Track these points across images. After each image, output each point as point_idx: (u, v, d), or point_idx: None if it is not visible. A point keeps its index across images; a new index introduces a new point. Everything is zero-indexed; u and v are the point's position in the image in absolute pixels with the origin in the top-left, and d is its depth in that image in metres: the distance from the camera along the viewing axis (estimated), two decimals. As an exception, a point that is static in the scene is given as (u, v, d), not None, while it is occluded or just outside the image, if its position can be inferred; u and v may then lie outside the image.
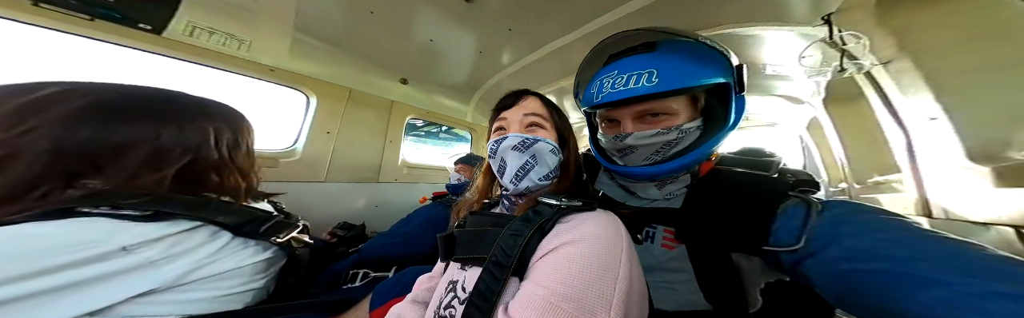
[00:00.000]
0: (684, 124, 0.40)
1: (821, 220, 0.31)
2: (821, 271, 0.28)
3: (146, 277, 0.35)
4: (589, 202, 0.35)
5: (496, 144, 0.39)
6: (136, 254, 0.34)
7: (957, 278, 0.21)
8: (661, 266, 0.40)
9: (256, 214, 0.47)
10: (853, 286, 0.26)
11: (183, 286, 0.38)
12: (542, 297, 0.24)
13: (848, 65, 0.74)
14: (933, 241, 0.25)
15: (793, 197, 0.36)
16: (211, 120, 0.48)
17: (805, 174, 0.41)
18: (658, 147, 0.41)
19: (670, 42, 0.40)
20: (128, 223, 0.35)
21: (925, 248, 0.25)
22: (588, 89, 0.44)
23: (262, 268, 0.47)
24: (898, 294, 0.23)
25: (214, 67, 0.95)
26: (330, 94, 1.22)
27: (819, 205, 0.32)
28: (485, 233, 0.34)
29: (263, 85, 1.08)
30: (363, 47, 1.12)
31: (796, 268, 0.31)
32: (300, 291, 0.58)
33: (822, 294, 0.29)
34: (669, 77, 0.37)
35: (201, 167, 0.45)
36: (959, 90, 0.59)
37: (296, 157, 1.14)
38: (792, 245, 0.31)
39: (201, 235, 0.40)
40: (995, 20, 0.54)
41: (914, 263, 0.24)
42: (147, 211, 0.36)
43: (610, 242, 0.28)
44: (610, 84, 0.39)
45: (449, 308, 0.31)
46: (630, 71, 0.38)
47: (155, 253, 0.35)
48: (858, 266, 0.26)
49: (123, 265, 0.33)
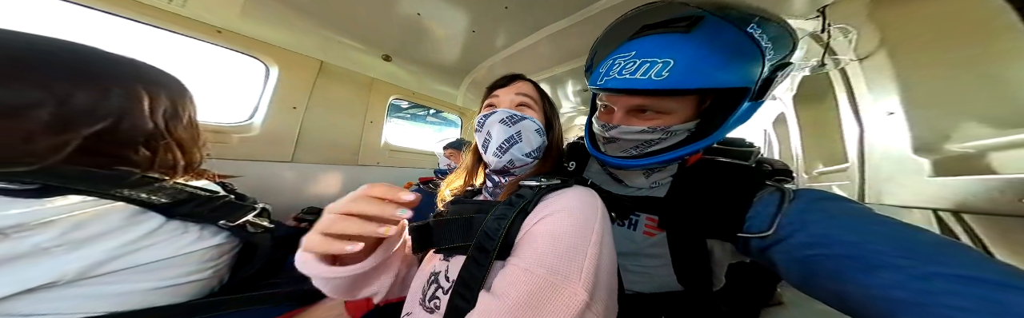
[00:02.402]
0: (674, 126, 0.37)
1: (791, 208, 0.32)
2: (787, 256, 0.30)
3: (37, 268, 0.28)
4: (566, 180, 0.37)
5: (484, 118, 0.41)
6: (17, 239, 0.27)
7: (902, 261, 0.23)
8: (641, 252, 0.41)
9: (194, 193, 0.40)
10: (814, 270, 0.27)
11: (96, 278, 0.31)
12: (516, 265, 0.26)
13: (828, 61, 0.76)
14: (883, 226, 0.27)
15: (769, 186, 0.37)
16: (145, 85, 0.39)
17: (781, 164, 0.41)
18: (638, 143, 0.40)
19: (717, 24, 0.32)
20: (1, 199, 0.27)
21: (876, 232, 0.26)
22: (598, 67, 0.39)
23: (211, 256, 0.42)
24: (850, 276, 0.24)
25: (135, 20, 0.78)
26: (295, 65, 1.08)
27: (791, 194, 0.33)
28: (470, 220, 0.33)
29: (208, 49, 0.92)
30: (336, 15, 0.98)
31: (763, 253, 0.32)
32: (260, 281, 0.53)
33: (786, 278, 0.30)
34: (682, 74, 0.32)
35: (125, 137, 0.37)
36: (922, 86, 0.61)
37: (253, 132, 1.01)
38: (763, 232, 0.32)
39: (115, 217, 0.33)
40: (971, 18, 0.54)
41: (864, 246, 0.25)
42: (31, 184, 0.28)
43: (584, 212, 0.30)
44: (619, 68, 0.35)
45: (434, 299, 0.31)
46: (646, 57, 0.34)
47: (46, 238, 0.29)
48: (819, 251, 0.27)
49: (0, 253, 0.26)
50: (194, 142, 0.46)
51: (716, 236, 0.37)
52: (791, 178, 0.39)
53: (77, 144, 0.33)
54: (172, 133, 0.42)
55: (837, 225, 0.28)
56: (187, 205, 0.39)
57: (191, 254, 0.39)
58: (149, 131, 0.39)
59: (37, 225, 0.28)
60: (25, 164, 0.29)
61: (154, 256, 0.35)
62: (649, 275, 0.40)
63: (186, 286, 0.39)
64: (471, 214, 0.34)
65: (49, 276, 0.29)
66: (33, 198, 0.29)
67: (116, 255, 0.32)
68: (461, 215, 0.35)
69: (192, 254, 0.39)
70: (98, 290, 0.32)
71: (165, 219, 0.37)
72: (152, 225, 0.36)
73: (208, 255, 0.41)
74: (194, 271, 0.40)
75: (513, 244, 0.29)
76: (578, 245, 0.26)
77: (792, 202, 0.32)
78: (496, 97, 0.43)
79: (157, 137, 0.40)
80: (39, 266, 0.28)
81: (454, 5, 0.90)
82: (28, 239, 0.28)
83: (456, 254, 0.33)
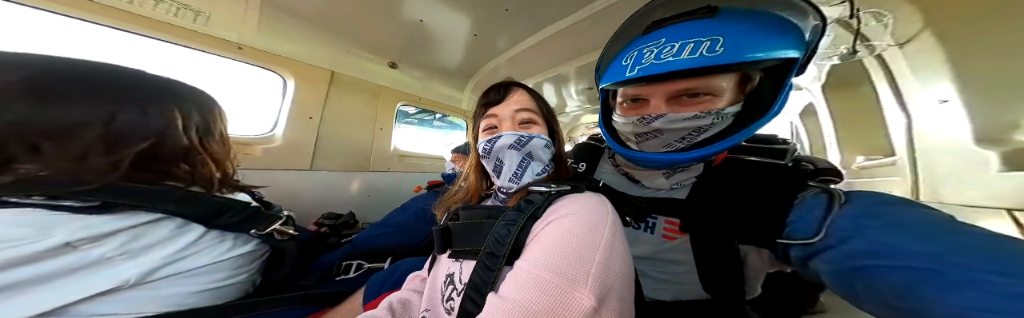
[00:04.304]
0: (727, 108, 0.33)
1: (843, 212, 0.28)
2: (836, 266, 0.26)
3: (102, 276, 0.31)
4: (577, 186, 0.36)
5: (490, 143, 0.38)
6: (84, 251, 0.30)
7: (995, 278, 0.19)
8: (660, 257, 0.39)
9: (229, 204, 0.44)
10: (873, 282, 0.23)
11: (152, 283, 0.35)
12: (524, 269, 0.25)
13: (860, 48, 0.70)
14: (965, 235, 0.23)
15: (812, 187, 0.33)
16: (179, 102, 0.42)
17: (825, 162, 0.36)
18: (686, 133, 0.35)
19: (732, 9, 0.31)
20: (68, 215, 0.31)
21: (955, 243, 0.22)
22: (617, 61, 0.36)
23: (244, 262, 0.45)
24: (923, 294, 0.21)
25: (167, 41, 0.84)
26: (309, 76, 1.13)
27: (842, 196, 0.30)
28: (479, 225, 0.34)
29: (231, 65, 0.98)
30: (344, 26, 1.02)
31: (808, 261, 0.29)
32: (288, 284, 0.56)
33: (834, 289, 0.27)
34: (738, 46, 0.29)
35: (166, 154, 0.40)
36: (979, 70, 0.53)
37: (276, 143, 1.07)
38: (809, 238, 0.28)
39: (165, 229, 0.37)
40: None
41: (943, 259, 0.21)
42: (93, 202, 0.32)
43: (593, 215, 0.29)
44: (653, 54, 0.32)
45: (450, 300, 0.31)
46: (684, 39, 0.31)
47: (109, 249, 0.32)
48: (880, 262, 0.23)
49: (70, 263, 0.30)
50: (226, 155, 0.49)
51: (750, 242, 0.33)
52: (839, 178, 0.34)
53: (129, 161, 0.36)
54: (206, 148, 0.45)
55: (906, 233, 0.24)
56: (223, 217, 0.42)
57: (228, 260, 0.42)
58: (186, 147, 0.42)
59: (101, 237, 0.31)
60: (86, 183, 0.32)
61: (197, 263, 0.38)
62: (672, 282, 0.38)
63: (225, 289, 0.42)
64: (481, 219, 0.34)
65: (114, 282, 0.32)
66: (95, 214, 0.32)
67: (167, 262, 0.36)
68: (471, 220, 0.35)
69: (228, 260, 0.42)
70: (153, 293, 0.35)
71: (205, 229, 0.40)
72: (194, 235, 0.39)
73: (242, 261, 0.44)
74: (231, 275, 0.43)
75: (522, 248, 0.29)
76: (586, 249, 0.25)
77: (844, 206, 0.29)
78: (494, 116, 0.40)
79: (194, 153, 0.43)
80: (105, 273, 0.32)
81: (455, 10, 0.92)
82: (93, 250, 0.31)
83: (467, 258, 0.33)
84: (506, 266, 0.28)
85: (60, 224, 0.30)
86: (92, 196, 0.32)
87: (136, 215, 0.34)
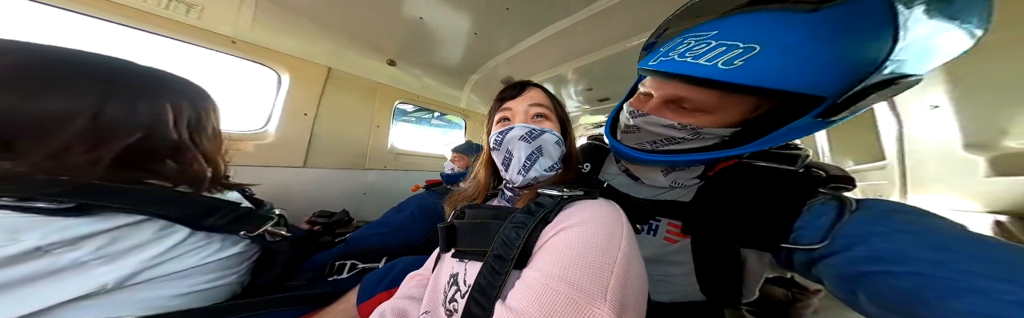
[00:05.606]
0: (707, 128, 0.32)
1: (853, 219, 0.28)
2: (839, 271, 0.26)
3: (74, 282, 0.30)
4: (590, 191, 0.34)
5: (502, 135, 0.38)
6: (57, 255, 0.28)
7: (1000, 285, 0.19)
8: (661, 259, 0.39)
9: (217, 205, 0.42)
10: (877, 289, 0.23)
11: (132, 286, 0.33)
12: (537, 280, 0.24)
13: None
14: (976, 244, 0.23)
15: (823, 194, 0.32)
16: (170, 96, 0.40)
17: (837, 169, 0.35)
18: (658, 138, 0.36)
19: (865, 6, 0.22)
20: (41, 218, 0.29)
21: (965, 250, 0.22)
22: (663, 45, 0.33)
23: (233, 263, 0.43)
24: (925, 300, 0.21)
25: (158, 34, 0.81)
26: (305, 72, 1.11)
27: (854, 204, 0.29)
28: (486, 226, 0.33)
29: (223, 59, 0.95)
30: (342, 22, 1.00)
31: (810, 267, 0.29)
32: (278, 284, 0.54)
33: (835, 294, 0.27)
34: (760, 67, 0.25)
35: (154, 150, 0.39)
36: (970, 74, 0.53)
37: (269, 140, 1.04)
38: (814, 244, 0.28)
39: (147, 231, 0.35)
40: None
41: (948, 266, 0.21)
42: (67, 203, 0.30)
43: (609, 226, 0.28)
44: (685, 49, 0.29)
45: (453, 302, 0.31)
46: (728, 39, 0.27)
47: (83, 253, 0.30)
48: (885, 268, 0.23)
49: (40, 268, 0.28)
50: (218, 152, 0.47)
51: (753, 245, 0.33)
52: (852, 186, 0.33)
53: (112, 158, 0.34)
54: (198, 145, 0.43)
55: (914, 240, 0.24)
56: (211, 218, 0.40)
57: (215, 263, 0.40)
58: (175, 143, 0.40)
59: (76, 241, 0.30)
60: (61, 183, 0.30)
61: (181, 266, 0.37)
62: (669, 283, 0.38)
63: (211, 291, 0.41)
64: (488, 219, 0.33)
65: (88, 287, 0.30)
66: (70, 216, 0.30)
67: (148, 266, 0.34)
68: (477, 219, 0.34)
69: (216, 263, 0.40)
70: (134, 296, 0.33)
71: (190, 231, 0.38)
72: (179, 237, 0.37)
73: (230, 263, 0.43)
74: (218, 278, 0.41)
75: (531, 253, 0.28)
76: (603, 262, 0.24)
77: (854, 213, 0.28)
78: (509, 109, 0.40)
79: (184, 149, 0.41)
80: (77, 279, 0.30)
81: (456, 8, 0.91)
82: (67, 254, 0.29)
83: (472, 258, 0.32)
84: (514, 270, 0.27)
85: (32, 228, 0.28)
86: (67, 198, 0.30)
87: (115, 217, 0.32)
